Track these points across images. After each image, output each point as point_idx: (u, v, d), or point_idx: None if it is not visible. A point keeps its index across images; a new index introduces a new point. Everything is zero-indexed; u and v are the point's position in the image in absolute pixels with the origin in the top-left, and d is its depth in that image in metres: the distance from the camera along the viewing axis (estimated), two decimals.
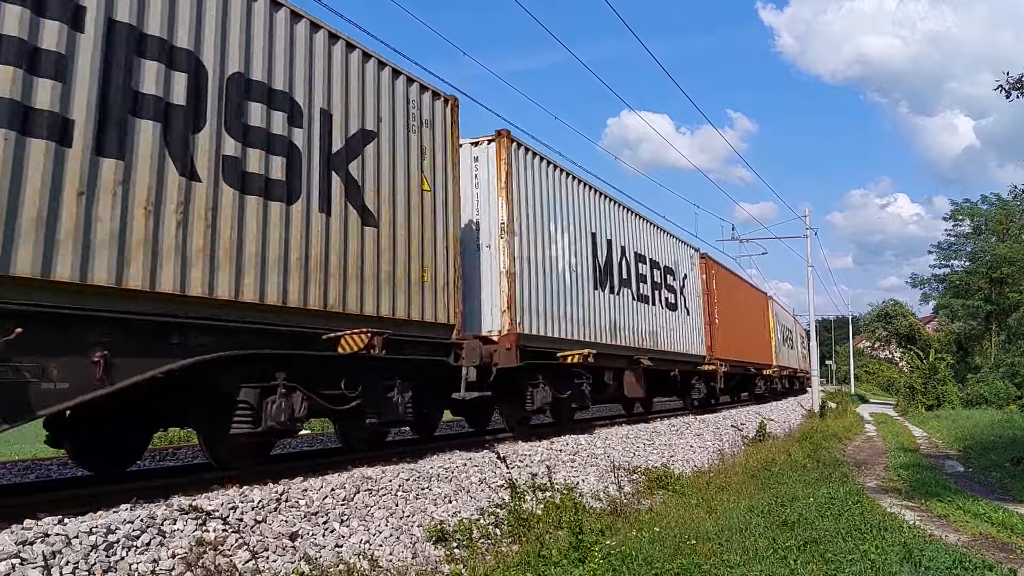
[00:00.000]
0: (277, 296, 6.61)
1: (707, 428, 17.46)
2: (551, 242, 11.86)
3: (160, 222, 5.64)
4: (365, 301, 7.65)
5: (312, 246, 7.02)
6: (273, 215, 6.62)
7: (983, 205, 51.60)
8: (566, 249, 12.34)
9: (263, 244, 6.49)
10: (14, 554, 4.16)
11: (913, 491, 11.30)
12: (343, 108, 7.59)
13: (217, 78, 6.16)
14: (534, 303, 11.10)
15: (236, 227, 6.23)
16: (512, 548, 6.82)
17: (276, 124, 6.73)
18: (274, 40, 6.84)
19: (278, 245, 6.64)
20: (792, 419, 26.89)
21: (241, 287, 6.26)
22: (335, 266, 7.28)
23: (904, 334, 75.16)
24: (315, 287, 7.02)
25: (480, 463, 8.84)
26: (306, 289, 6.92)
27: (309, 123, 7.10)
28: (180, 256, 5.77)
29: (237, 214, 6.24)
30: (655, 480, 10.69)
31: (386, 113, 8.24)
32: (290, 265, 6.75)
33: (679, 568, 5.99)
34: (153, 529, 4.93)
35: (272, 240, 6.58)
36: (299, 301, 6.83)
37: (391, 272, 8.07)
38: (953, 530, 8.49)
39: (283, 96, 6.83)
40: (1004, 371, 40.54)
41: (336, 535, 6.07)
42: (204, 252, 5.95)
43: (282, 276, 6.67)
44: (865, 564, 6.16)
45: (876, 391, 75.95)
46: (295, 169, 6.88)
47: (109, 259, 5.25)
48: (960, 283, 52.57)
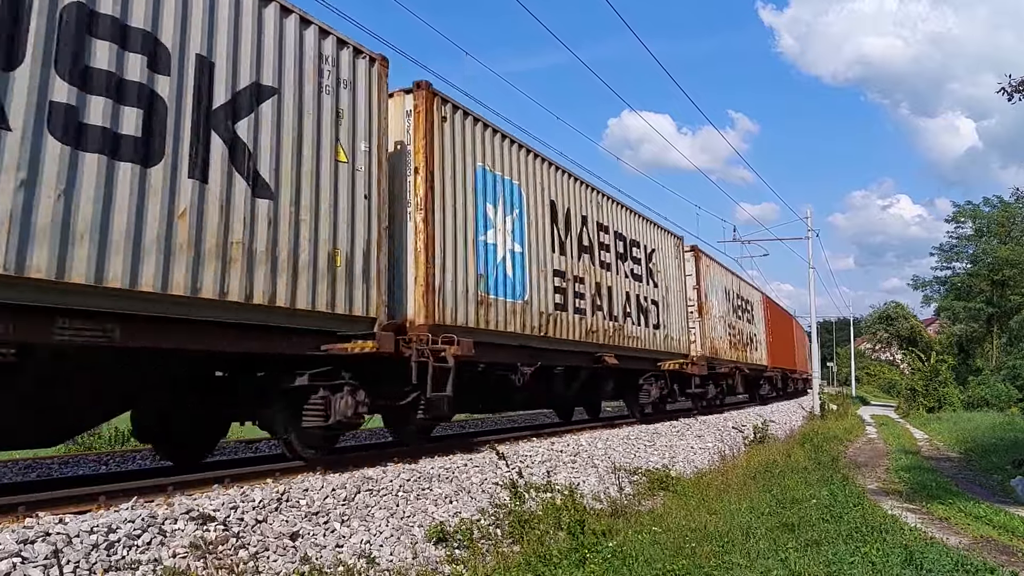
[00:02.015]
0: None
1: (708, 429, 17.47)
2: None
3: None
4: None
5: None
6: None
7: (985, 207, 51.61)
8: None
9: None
10: (15, 552, 4.16)
11: (914, 493, 11.29)
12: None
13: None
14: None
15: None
16: (513, 549, 6.82)
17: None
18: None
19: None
20: (793, 420, 26.88)
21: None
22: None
23: (905, 336, 75.10)
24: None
25: (481, 463, 8.84)
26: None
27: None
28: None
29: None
30: (656, 481, 10.69)
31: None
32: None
33: (680, 569, 5.99)
34: (154, 528, 4.93)
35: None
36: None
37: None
38: (954, 533, 8.48)
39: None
40: (1005, 374, 40.56)
41: (337, 535, 6.08)
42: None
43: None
44: (866, 566, 6.15)
45: (877, 393, 75.86)
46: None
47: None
48: (962, 285, 52.52)
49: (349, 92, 7.85)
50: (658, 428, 15.44)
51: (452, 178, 9.50)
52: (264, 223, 6.64)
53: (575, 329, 12.49)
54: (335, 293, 7.41)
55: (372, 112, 8.16)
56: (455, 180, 9.55)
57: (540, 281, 11.46)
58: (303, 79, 7.20)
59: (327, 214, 7.40)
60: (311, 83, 7.31)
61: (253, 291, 6.49)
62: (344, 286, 7.53)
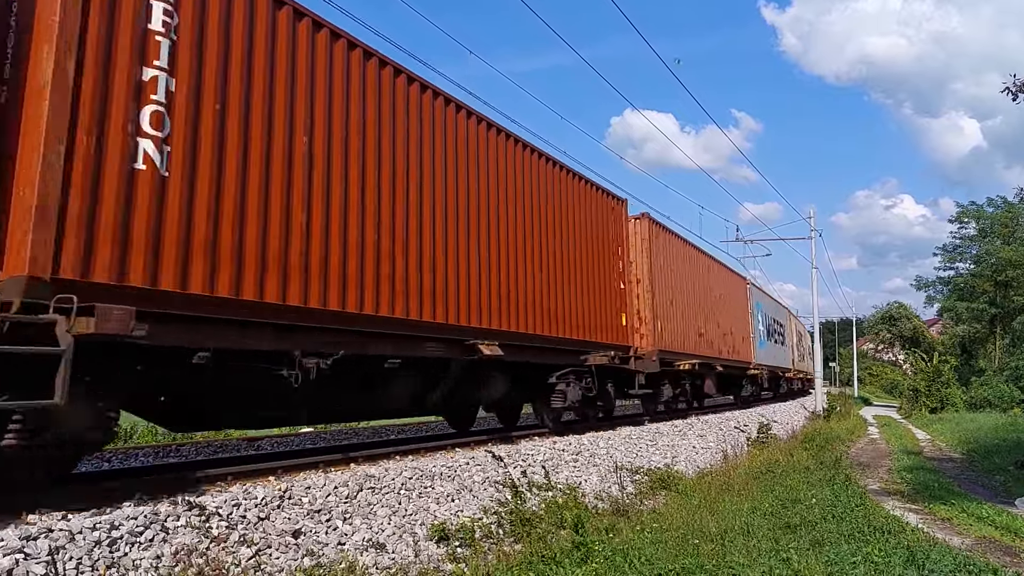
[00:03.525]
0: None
1: (710, 429, 17.46)
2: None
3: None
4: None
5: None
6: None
7: (989, 208, 51.47)
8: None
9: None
10: (18, 549, 4.17)
11: (916, 494, 11.28)
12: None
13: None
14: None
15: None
16: (515, 547, 6.82)
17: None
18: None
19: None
20: (795, 421, 26.87)
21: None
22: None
23: (908, 336, 75.08)
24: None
25: (483, 462, 8.84)
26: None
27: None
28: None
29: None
30: (658, 480, 10.70)
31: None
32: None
33: (681, 568, 5.99)
34: (156, 525, 4.94)
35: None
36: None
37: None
38: (956, 533, 8.47)
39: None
40: (1008, 374, 40.48)
41: (339, 533, 6.08)
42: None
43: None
44: (868, 567, 6.15)
45: (879, 393, 75.79)
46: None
47: None
48: (965, 286, 52.41)
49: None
50: (660, 428, 15.43)
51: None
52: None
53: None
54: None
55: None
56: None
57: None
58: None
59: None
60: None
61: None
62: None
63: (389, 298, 7.94)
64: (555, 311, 11.53)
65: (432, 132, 9.01)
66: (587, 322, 12.61)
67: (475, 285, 9.52)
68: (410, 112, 8.64)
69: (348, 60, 7.69)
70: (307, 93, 7.12)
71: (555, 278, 11.62)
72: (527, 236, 10.94)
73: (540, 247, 11.27)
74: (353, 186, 7.60)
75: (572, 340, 11.99)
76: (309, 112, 7.11)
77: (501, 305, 10.07)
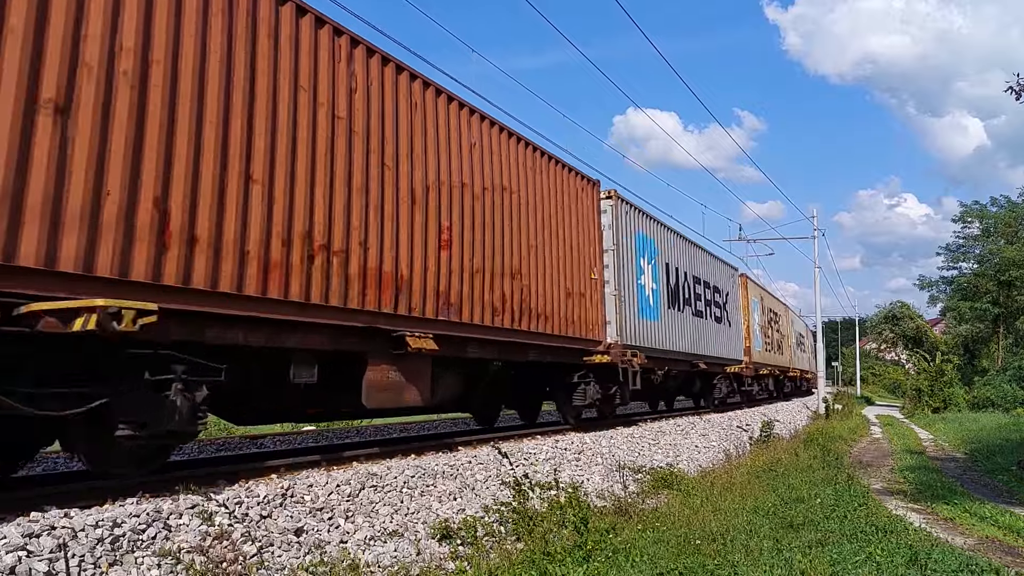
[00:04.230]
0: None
1: (712, 428, 17.45)
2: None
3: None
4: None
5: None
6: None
7: (992, 207, 51.41)
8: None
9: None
10: (20, 546, 4.17)
11: (919, 493, 11.26)
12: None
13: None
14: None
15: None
16: (517, 546, 6.82)
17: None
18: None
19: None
20: (797, 420, 26.85)
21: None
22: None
23: (911, 336, 74.93)
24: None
25: (485, 460, 8.85)
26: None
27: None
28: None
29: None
30: (660, 479, 10.68)
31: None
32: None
33: (683, 567, 5.98)
34: (159, 523, 4.94)
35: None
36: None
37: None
38: (959, 533, 8.45)
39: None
40: (1011, 374, 40.36)
41: (341, 531, 6.08)
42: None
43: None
44: (871, 566, 6.14)
45: (882, 393, 75.70)
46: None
47: None
48: (968, 286, 52.34)
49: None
50: (662, 427, 15.42)
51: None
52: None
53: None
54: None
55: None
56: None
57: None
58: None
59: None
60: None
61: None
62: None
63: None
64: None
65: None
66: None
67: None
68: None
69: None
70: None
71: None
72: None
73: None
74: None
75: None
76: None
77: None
